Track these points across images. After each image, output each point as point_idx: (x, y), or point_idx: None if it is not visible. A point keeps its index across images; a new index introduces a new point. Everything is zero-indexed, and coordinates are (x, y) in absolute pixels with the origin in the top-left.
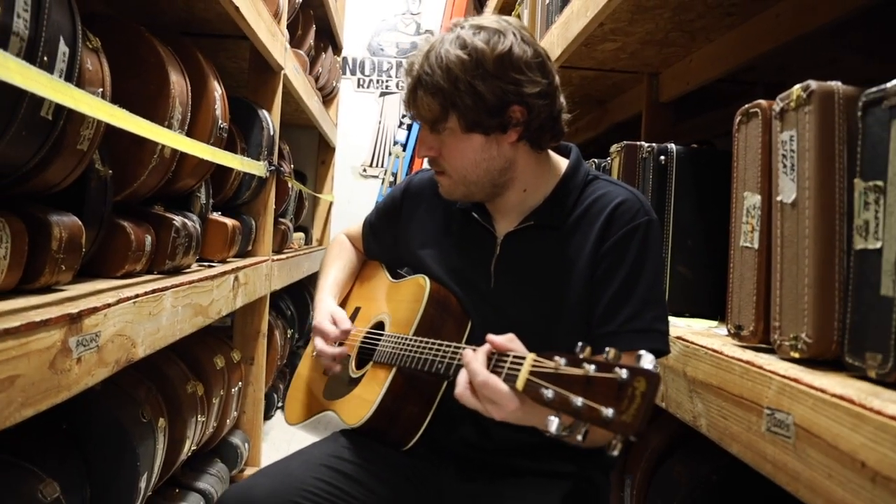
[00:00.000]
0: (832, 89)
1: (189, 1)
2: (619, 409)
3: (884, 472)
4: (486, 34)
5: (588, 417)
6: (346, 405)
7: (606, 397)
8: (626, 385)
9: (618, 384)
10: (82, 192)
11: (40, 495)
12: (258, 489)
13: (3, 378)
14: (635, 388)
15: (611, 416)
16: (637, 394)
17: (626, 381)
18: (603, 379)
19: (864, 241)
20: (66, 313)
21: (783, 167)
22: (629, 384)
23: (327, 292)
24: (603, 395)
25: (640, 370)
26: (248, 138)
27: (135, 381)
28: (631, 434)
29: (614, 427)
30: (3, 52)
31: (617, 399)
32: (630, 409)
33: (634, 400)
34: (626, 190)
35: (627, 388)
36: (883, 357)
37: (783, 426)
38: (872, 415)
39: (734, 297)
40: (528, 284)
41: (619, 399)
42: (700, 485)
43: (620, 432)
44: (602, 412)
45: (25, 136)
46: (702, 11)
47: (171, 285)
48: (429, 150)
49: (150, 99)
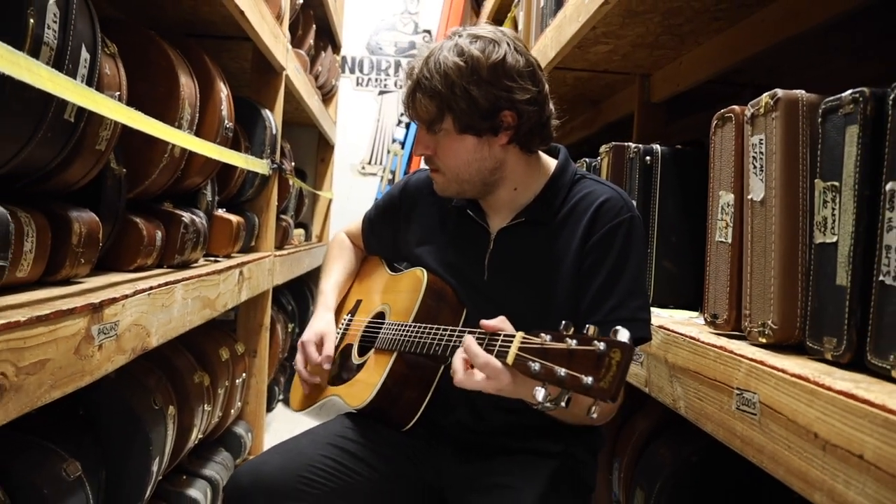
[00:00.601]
0: (797, 97)
1: (195, 4)
2: (598, 376)
3: (832, 440)
4: (482, 43)
5: (571, 385)
6: (349, 389)
7: (587, 367)
8: (604, 356)
9: (596, 355)
10: (99, 190)
11: (64, 473)
12: (269, 465)
13: (36, 361)
14: (612, 358)
15: (590, 384)
16: (613, 363)
17: (603, 352)
18: (583, 351)
19: (822, 235)
20: (88, 303)
21: (753, 168)
22: (606, 355)
23: (329, 297)
24: (583, 365)
25: (615, 342)
26: (252, 137)
27: (146, 370)
28: (608, 398)
29: (594, 393)
30: (36, 62)
31: (596, 368)
32: (607, 377)
33: (611, 368)
34: (610, 188)
35: (605, 358)
36: (837, 340)
37: (750, 405)
38: (824, 391)
39: (710, 289)
40: (520, 277)
41: (597, 368)
42: (681, 465)
43: (599, 397)
44: (583, 380)
45: (51, 138)
46: (690, 16)
47: (181, 278)
48: (425, 149)
49: (161, 101)
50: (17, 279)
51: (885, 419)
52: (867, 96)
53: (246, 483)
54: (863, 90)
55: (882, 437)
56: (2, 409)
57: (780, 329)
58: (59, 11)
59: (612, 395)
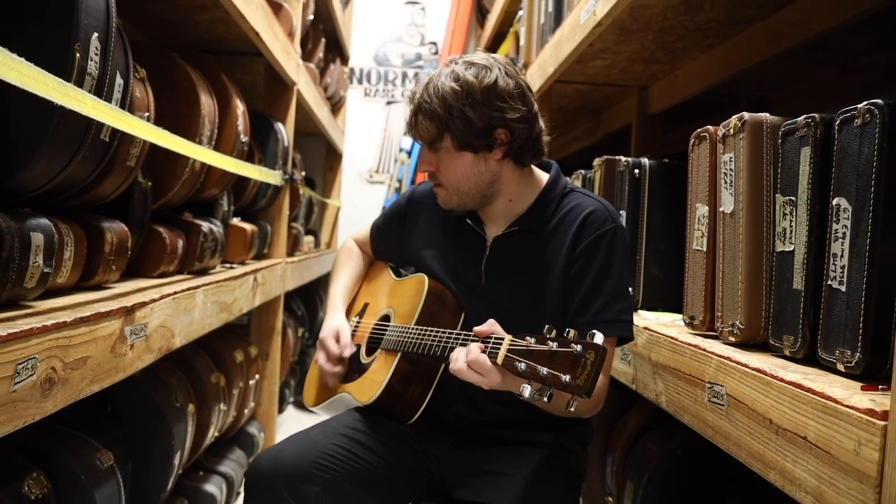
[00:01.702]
0: (761, 120)
1: (212, 25)
2: (574, 375)
3: (783, 425)
4: (475, 69)
5: (551, 383)
6: (358, 386)
7: (565, 367)
8: (580, 357)
9: (573, 356)
10: (127, 202)
11: (98, 462)
12: (286, 452)
13: (79, 358)
14: (587, 358)
15: (568, 381)
16: (588, 363)
17: (580, 353)
18: (563, 353)
19: (782, 244)
20: (122, 306)
21: (724, 183)
22: (582, 356)
23: (338, 298)
24: (563, 365)
25: (590, 344)
26: (265, 149)
27: (168, 370)
28: (583, 394)
29: (570, 389)
30: (82, 92)
31: (573, 368)
32: (582, 375)
33: (586, 368)
34: (596, 201)
35: (581, 359)
36: (794, 338)
37: (719, 396)
38: (777, 382)
39: (689, 293)
40: (514, 282)
41: (574, 368)
42: (668, 458)
43: (575, 393)
44: (561, 378)
45: (89, 157)
46: (682, 34)
47: (202, 284)
48: (428, 166)
49: (183, 118)
50: (57, 284)
51: (824, 405)
52: (817, 121)
53: (266, 468)
54: (814, 116)
55: (821, 420)
56: (51, 399)
57: (746, 329)
58: (101, 45)
59: (587, 391)
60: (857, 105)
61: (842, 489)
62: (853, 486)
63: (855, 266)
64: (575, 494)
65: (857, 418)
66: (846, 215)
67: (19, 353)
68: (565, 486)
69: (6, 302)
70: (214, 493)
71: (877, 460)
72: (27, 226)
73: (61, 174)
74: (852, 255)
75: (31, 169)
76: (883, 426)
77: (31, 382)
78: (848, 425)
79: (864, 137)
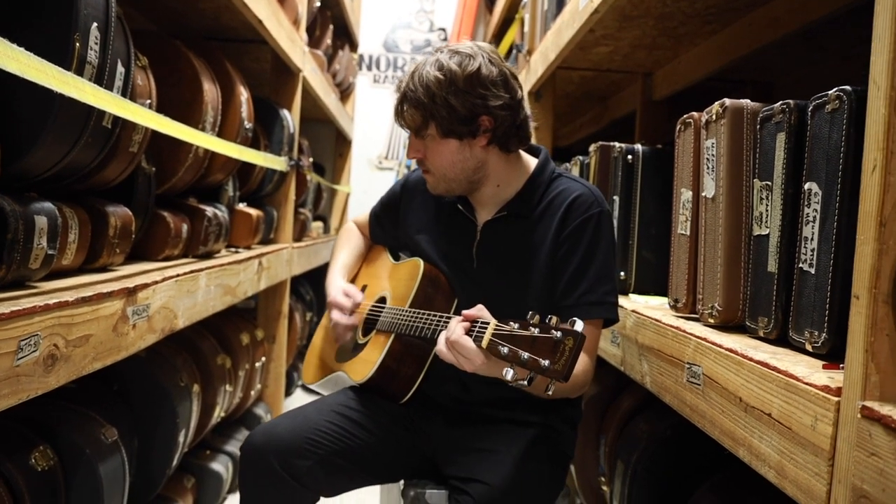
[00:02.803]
0: (742, 106)
1: (217, 12)
2: (553, 360)
3: (751, 403)
4: (459, 57)
5: (531, 367)
6: (353, 366)
7: (545, 352)
8: (560, 342)
9: (553, 342)
10: (131, 187)
11: (103, 437)
12: (280, 427)
13: (81, 336)
14: (566, 344)
15: (547, 366)
16: (566, 349)
17: (559, 339)
18: (544, 338)
19: (759, 228)
20: (124, 287)
21: (706, 168)
22: (562, 342)
23: (337, 273)
24: (543, 350)
25: (569, 331)
26: (271, 136)
27: (173, 351)
28: (560, 378)
29: (549, 374)
30: (81, 80)
31: (552, 353)
32: (561, 360)
33: (564, 353)
34: (582, 186)
35: (560, 344)
36: (768, 320)
37: (696, 376)
38: (747, 361)
39: (674, 276)
40: (504, 265)
41: (553, 353)
42: (656, 439)
43: (553, 377)
44: (541, 363)
45: (91, 143)
46: (682, 20)
47: (205, 267)
48: (416, 153)
49: (186, 105)
50: (62, 266)
51: (787, 382)
52: (792, 107)
53: (259, 442)
54: (789, 102)
55: (784, 397)
56: (54, 375)
57: (724, 311)
58: (100, 34)
59: (565, 376)
60: (829, 91)
61: (800, 463)
62: (810, 460)
63: (823, 249)
64: (560, 472)
65: (814, 395)
66: (816, 199)
67: (22, 330)
68: (551, 464)
69: (12, 282)
70: (220, 472)
71: (830, 434)
72: (31, 209)
73: (64, 159)
74: (821, 238)
75: (33, 154)
76: (836, 402)
77: (33, 358)
78: (806, 402)
79: (834, 123)
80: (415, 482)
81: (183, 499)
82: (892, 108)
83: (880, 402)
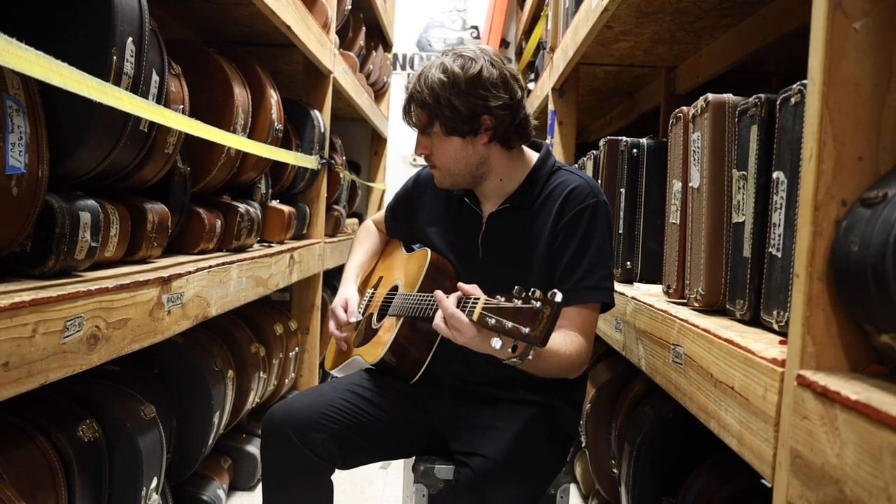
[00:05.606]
0: (724, 100)
1: (250, 20)
2: (533, 327)
3: (720, 378)
4: (462, 60)
5: (514, 335)
6: (367, 349)
7: (526, 320)
8: (539, 311)
9: (533, 311)
10: (168, 186)
11: (142, 413)
12: (297, 403)
13: (120, 319)
14: (544, 313)
15: (527, 333)
16: (544, 317)
17: (539, 308)
18: (525, 308)
19: (737, 216)
20: (159, 276)
21: (693, 160)
22: (541, 311)
23: (351, 273)
24: (524, 319)
25: (547, 301)
26: (302, 135)
27: (209, 339)
28: (538, 343)
29: (529, 340)
30: (118, 90)
31: (532, 321)
32: (539, 327)
33: (542, 321)
34: (580, 178)
35: (539, 313)
36: (743, 302)
37: (679, 356)
38: (717, 339)
39: (667, 263)
40: (507, 254)
41: (533, 321)
42: (660, 422)
43: (532, 343)
44: (522, 330)
45: (129, 146)
46: (699, 14)
47: (236, 260)
48: (423, 150)
49: (218, 108)
50: (105, 258)
51: (746, 357)
52: (763, 101)
53: (278, 416)
54: (760, 95)
55: (743, 371)
56: (96, 353)
57: (707, 294)
58: (135, 48)
59: (542, 342)
60: (793, 85)
61: (755, 430)
62: (761, 427)
63: (787, 234)
64: (559, 449)
65: (765, 367)
66: (783, 187)
67: (68, 312)
68: (549, 440)
69: (60, 271)
70: (255, 454)
71: (776, 402)
72: (76, 206)
73: (105, 161)
74: (786, 223)
75: (78, 157)
76: (781, 372)
77: (78, 337)
78: (759, 374)
79: (797, 115)
80: (424, 458)
81: (220, 478)
82: (825, 103)
83: (815, 370)
